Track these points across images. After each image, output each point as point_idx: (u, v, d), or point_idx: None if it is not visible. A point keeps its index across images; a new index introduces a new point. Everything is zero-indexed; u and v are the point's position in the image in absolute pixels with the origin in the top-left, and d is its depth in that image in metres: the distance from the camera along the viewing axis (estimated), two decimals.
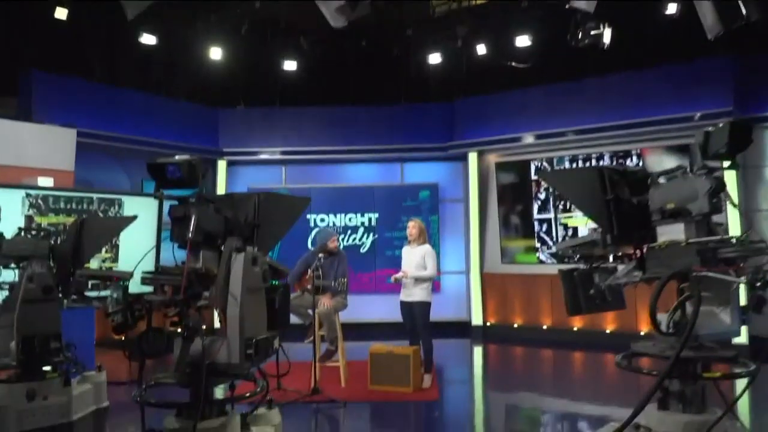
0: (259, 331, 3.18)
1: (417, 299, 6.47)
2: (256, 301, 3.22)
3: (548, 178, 4.42)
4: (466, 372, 8.22)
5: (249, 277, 3.13)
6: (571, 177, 3.63)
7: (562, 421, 5.74)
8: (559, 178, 3.71)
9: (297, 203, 3.78)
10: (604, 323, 9.22)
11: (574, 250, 3.71)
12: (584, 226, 9.45)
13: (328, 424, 5.70)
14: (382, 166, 10.91)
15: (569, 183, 3.66)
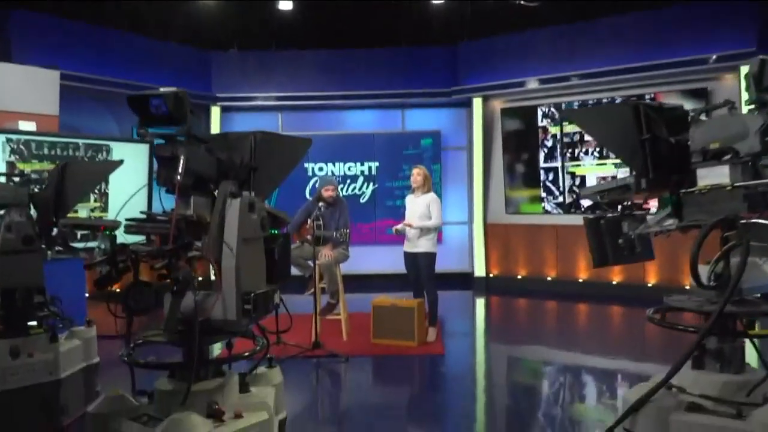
0: (258, 285, 2.87)
1: (422, 250, 6.19)
2: (254, 251, 2.90)
3: (575, 117, 4.06)
4: (470, 325, 8.03)
5: (245, 225, 2.80)
6: (602, 115, 3.27)
7: (569, 374, 5.54)
8: (587, 117, 3.35)
9: (298, 144, 3.42)
10: (610, 275, 8.99)
11: (602, 195, 3.37)
12: (592, 175, 9.13)
13: (330, 379, 5.49)
14: (383, 113, 10.49)
15: (599, 121, 3.30)
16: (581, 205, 9.29)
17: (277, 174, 3.31)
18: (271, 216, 3.33)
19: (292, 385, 5.20)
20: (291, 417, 4.29)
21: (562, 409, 4.54)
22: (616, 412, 4.63)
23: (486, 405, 4.82)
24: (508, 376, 5.59)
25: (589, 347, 6.44)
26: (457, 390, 5.01)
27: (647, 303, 7.81)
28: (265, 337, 3.20)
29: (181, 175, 2.68)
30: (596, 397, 4.91)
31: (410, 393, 5.02)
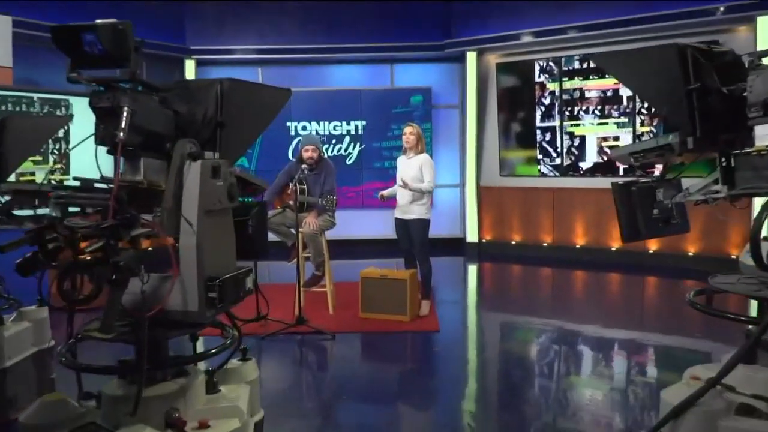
0: (225, 268, 2.35)
1: (414, 217, 5.67)
2: (220, 226, 2.37)
3: (605, 62, 3.47)
4: (464, 295, 7.59)
5: (208, 193, 2.26)
6: (640, 60, 2.73)
7: (571, 349, 5.12)
8: (621, 62, 2.80)
9: (274, 95, 2.85)
10: (609, 241, 8.57)
11: (638, 157, 2.85)
12: (592, 135, 8.61)
13: (315, 359, 5.02)
14: (370, 68, 9.83)
15: (636, 68, 2.76)
16: (580, 168, 8.80)
17: (249, 131, 2.75)
18: (243, 182, 2.78)
19: (273, 365, 4.74)
20: (271, 402, 3.84)
21: (567, 390, 4.12)
22: (613, 382, 4.25)
23: (486, 388, 4.39)
24: (507, 354, 5.15)
25: (589, 317, 6.04)
26: (454, 372, 4.55)
27: (647, 270, 7.44)
28: (236, 327, 2.68)
29: (123, 131, 2.11)
30: (601, 371, 4.50)
31: (402, 375, 4.56)
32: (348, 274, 6.38)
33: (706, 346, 5.21)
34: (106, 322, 1.94)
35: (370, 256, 9.19)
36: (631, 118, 8.27)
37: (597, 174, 8.64)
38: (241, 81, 2.69)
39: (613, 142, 8.49)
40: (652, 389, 4.29)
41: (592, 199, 8.63)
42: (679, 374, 2.82)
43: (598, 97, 8.54)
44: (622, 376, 4.55)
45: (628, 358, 4.99)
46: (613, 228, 8.50)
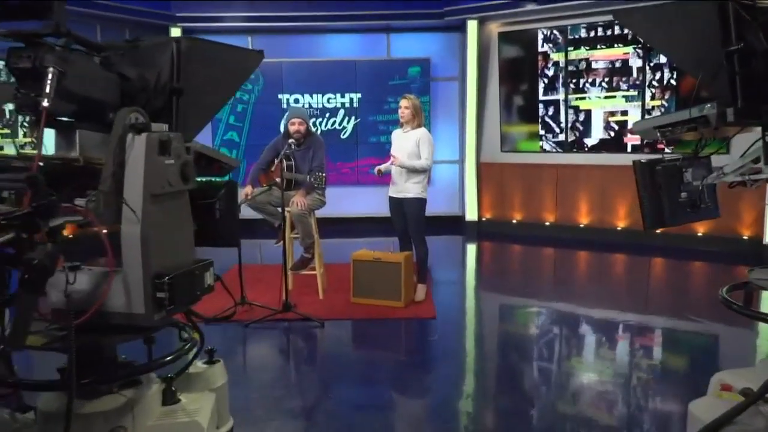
0: (179, 261, 1.98)
1: (410, 195, 5.29)
2: (172, 212, 1.98)
3: (628, 19, 3.02)
4: (463, 276, 7.22)
5: (155, 173, 1.88)
6: (672, 15, 2.32)
7: (579, 335, 4.79)
8: (647, 17, 2.38)
9: (242, 58, 2.45)
10: (614, 219, 8.20)
11: (665, 132, 2.46)
12: (598, 110, 8.18)
13: (301, 349, 4.67)
14: (366, 38, 9.35)
15: (667, 25, 2.35)
16: (585, 145, 8.38)
17: (212, 99, 2.35)
18: (207, 159, 2.40)
19: (257, 356, 4.39)
20: (251, 399, 3.51)
21: (575, 387, 3.78)
22: (619, 367, 3.92)
23: (485, 383, 4.05)
24: (508, 343, 4.79)
25: (593, 299, 5.70)
26: (451, 365, 4.21)
27: (652, 251, 7.07)
28: (196, 329, 2.32)
29: (47, 97, 1.71)
30: (608, 356, 4.16)
31: (395, 369, 4.19)
32: (341, 254, 6.04)
33: (713, 329, 4.93)
34: (14, 333, 1.57)
35: (365, 234, 8.85)
36: (640, 91, 7.83)
37: (602, 150, 8.24)
38: (202, 40, 2.29)
39: (621, 117, 8.06)
40: (657, 374, 4.08)
41: (597, 176, 8.25)
42: (685, 358, 2.49)
43: (606, 68, 8.08)
44: (630, 362, 4.23)
45: (635, 343, 4.68)
46: (618, 206, 8.14)
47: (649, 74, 7.73)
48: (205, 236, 2.46)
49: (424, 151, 5.19)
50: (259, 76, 9.18)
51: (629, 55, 7.86)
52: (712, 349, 4.73)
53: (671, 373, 4.15)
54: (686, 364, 4.43)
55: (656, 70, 7.71)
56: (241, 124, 9.29)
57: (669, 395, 3.66)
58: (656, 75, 7.69)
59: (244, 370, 4.15)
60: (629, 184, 7.94)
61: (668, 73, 7.63)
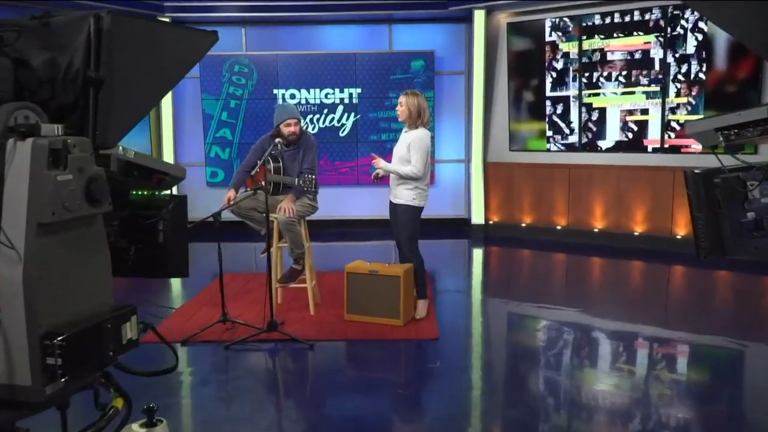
0: (80, 313, 1.46)
1: (401, 201, 4.75)
2: (73, 246, 1.47)
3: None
4: (469, 285, 6.66)
5: (45, 193, 1.37)
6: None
7: (605, 353, 4.25)
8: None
9: (187, 39, 1.93)
10: (631, 224, 7.65)
11: (729, 134, 1.93)
12: (614, 107, 7.60)
13: (286, 377, 4.14)
14: (366, 29, 8.80)
15: (741, 5, 1.82)
16: (599, 148, 7.80)
17: (144, 92, 1.82)
18: (141, 169, 1.89)
19: (230, 387, 3.86)
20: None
21: (596, 424, 3.26)
22: (640, 385, 3.38)
23: (494, 426, 3.53)
24: (522, 372, 4.26)
25: (610, 311, 5.17)
26: (454, 400, 3.68)
27: (674, 258, 6.50)
28: (119, 390, 1.79)
29: None
30: (628, 373, 3.64)
31: (389, 404, 3.67)
32: (339, 260, 5.52)
33: (735, 344, 4.46)
34: None
35: (366, 238, 8.36)
36: (663, 86, 7.17)
37: (619, 150, 7.67)
38: (132, 16, 1.76)
39: (641, 116, 7.46)
40: (679, 391, 3.74)
41: (613, 177, 7.69)
42: (708, 375, 2.00)
43: (624, 60, 7.48)
44: (655, 380, 3.73)
45: (655, 357, 4.19)
46: (636, 210, 7.59)
47: (674, 67, 7.09)
48: (146, 265, 1.98)
49: (413, 156, 4.63)
50: (253, 71, 8.67)
51: (651, 45, 7.21)
52: (736, 366, 4.22)
53: (694, 392, 3.76)
54: (709, 382, 3.97)
55: (682, 62, 7.04)
56: (234, 121, 8.78)
57: (690, 414, 3.19)
58: (682, 68, 7.05)
59: (216, 402, 3.64)
60: (648, 185, 7.36)
61: (696, 66, 6.95)
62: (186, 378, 3.89)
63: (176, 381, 3.80)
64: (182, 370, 3.99)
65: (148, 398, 3.28)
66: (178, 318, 4.97)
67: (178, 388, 3.73)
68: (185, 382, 3.84)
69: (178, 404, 3.56)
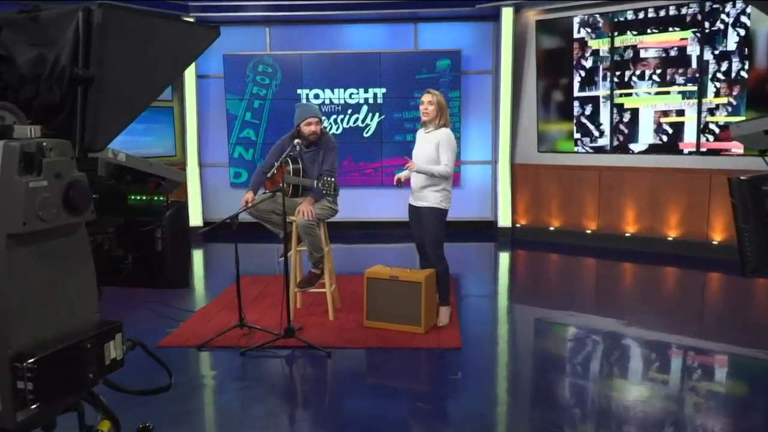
0: (57, 331, 1.34)
1: (426, 204, 4.60)
2: (50, 258, 1.35)
3: None
4: (495, 291, 6.45)
5: (16, 201, 1.25)
6: None
7: (641, 369, 4.04)
8: None
9: (185, 34, 1.79)
10: (665, 228, 7.37)
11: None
12: (648, 108, 7.30)
13: (301, 387, 4.01)
14: (391, 28, 8.66)
15: None
16: (630, 151, 7.52)
17: (137, 90, 1.70)
18: (134, 174, 1.77)
19: (243, 395, 3.73)
20: None
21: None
22: (680, 401, 3.14)
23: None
24: (550, 384, 4.06)
25: (643, 319, 4.93)
26: (477, 415, 3.51)
27: (710, 265, 6.22)
28: (107, 413, 1.66)
29: None
30: (678, 390, 3.43)
31: (408, 419, 3.52)
32: (362, 262, 5.39)
33: None
34: None
35: (390, 240, 8.22)
36: (701, 85, 6.85)
37: (652, 152, 7.39)
38: (125, 9, 1.64)
39: (676, 117, 7.15)
40: (716, 405, 3.56)
41: (646, 180, 7.42)
42: (745, 389, 1.79)
43: (658, 57, 7.18)
44: (686, 395, 3.49)
45: (690, 370, 3.97)
46: (670, 214, 7.30)
47: (713, 65, 6.77)
48: (144, 274, 1.86)
49: (444, 156, 4.49)
50: (277, 70, 8.59)
51: (687, 42, 6.90)
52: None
53: (730, 406, 3.56)
54: (746, 396, 3.76)
55: (722, 60, 6.70)
56: (258, 121, 8.71)
57: (726, 428, 3.00)
58: (722, 66, 6.72)
59: (228, 411, 3.53)
60: (682, 188, 7.06)
61: (738, 63, 6.58)
62: (198, 385, 3.79)
63: (188, 388, 3.70)
64: (195, 377, 3.90)
65: (158, 406, 3.21)
66: (196, 321, 4.88)
67: (190, 395, 3.62)
68: (197, 389, 3.74)
69: (189, 413, 3.45)
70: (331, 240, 5.01)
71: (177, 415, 3.33)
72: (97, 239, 1.82)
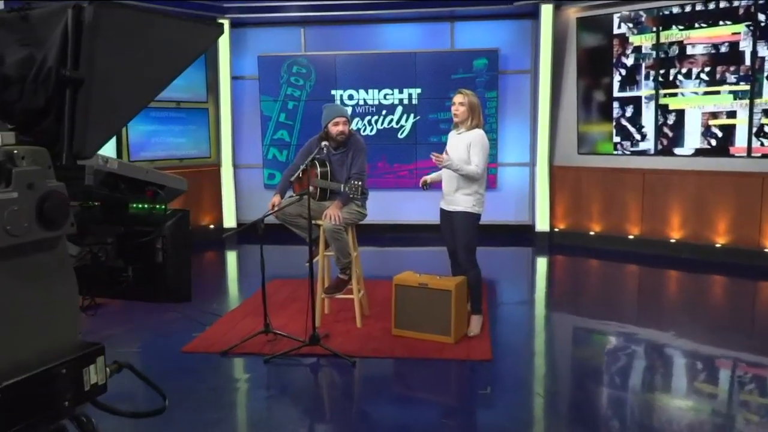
0: (28, 356, 1.23)
1: (458, 208, 4.43)
2: (19, 277, 1.24)
3: None
4: (531, 299, 6.22)
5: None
6: None
7: (701, 396, 3.79)
8: None
9: (185, 31, 1.67)
10: (713, 235, 7.01)
11: None
12: (695, 110, 6.94)
13: (324, 396, 3.88)
14: (427, 27, 8.49)
15: None
16: (674, 155, 7.17)
17: (131, 93, 1.58)
18: (128, 182, 1.67)
19: (265, 405, 3.62)
20: None
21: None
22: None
23: None
24: (587, 403, 3.85)
25: (690, 331, 4.65)
26: (509, 430, 3.33)
27: (763, 273, 5.84)
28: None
29: None
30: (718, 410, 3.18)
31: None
32: (397, 265, 5.26)
33: None
34: None
35: (425, 243, 8.07)
36: (755, 84, 6.44)
37: (700, 154, 7.03)
38: (118, 4, 1.53)
39: (727, 120, 6.76)
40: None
41: (693, 184, 7.08)
42: None
43: (707, 54, 6.81)
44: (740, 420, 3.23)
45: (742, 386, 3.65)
46: (718, 220, 6.95)
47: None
48: (144, 287, 1.77)
49: (475, 157, 4.31)
50: (312, 71, 8.51)
51: (740, 36, 6.48)
52: None
53: None
54: None
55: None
56: (291, 123, 8.66)
57: None
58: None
59: (246, 423, 3.43)
60: (732, 192, 6.69)
61: None
62: (219, 394, 3.71)
63: (208, 398, 3.62)
64: (217, 386, 3.81)
65: (175, 417, 3.13)
66: (222, 326, 4.82)
67: (210, 405, 3.54)
68: (217, 399, 3.64)
69: (207, 424, 3.36)
70: (364, 243, 4.88)
71: (196, 426, 3.25)
72: (93, 249, 1.73)
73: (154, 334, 4.77)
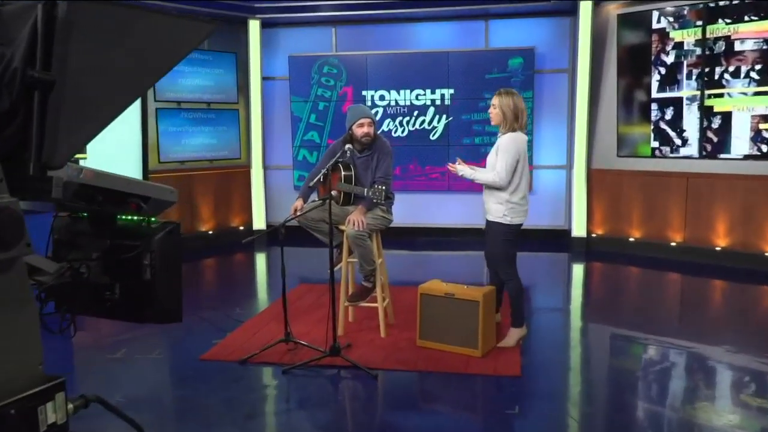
0: None
1: (490, 218, 4.24)
2: None
3: None
4: (567, 308, 5.92)
5: None
6: None
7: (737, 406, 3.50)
8: None
9: (172, 29, 1.52)
10: (762, 243, 6.62)
11: None
12: (743, 111, 6.55)
13: (343, 412, 3.71)
14: (460, 25, 8.27)
15: None
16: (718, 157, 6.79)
17: (108, 95, 1.44)
18: (106, 193, 1.53)
19: (279, 419, 3.47)
20: None
21: None
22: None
23: None
24: (626, 427, 3.60)
25: (736, 343, 4.34)
26: None
27: None
28: None
29: None
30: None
31: None
32: (428, 270, 5.09)
33: None
34: None
35: (458, 248, 7.88)
36: None
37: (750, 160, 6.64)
38: (93, 2, 1.39)
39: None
40: None
41: (741, 188, 6.70)
42: None
43: (758, 50, 6.41)
44: None
45: None
46: (767, 227, 6.54)
47: None
48: (132, 306, 1.63)
49: (500, 162, 4.09)
50: (343, 71, 8.38)
51: None
52: None
53: None
54: None
55: None
56: (322, 124, 8.54)
57: None
58: None
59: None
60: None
61: None
62: (235, 406, 3.58)
63: (223, 410, 3.49)
64: (233, 397, 3.68)
65: (185, 431, 3.01)
66: (242, 333, 4.71)
67: (224, 418, 3.41)
68: (233, 411, 3.51)
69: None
70: (393, 246, 4.70)
71: None
72: (74, 266, 1.60)
73: (174, 339, 4.68)
